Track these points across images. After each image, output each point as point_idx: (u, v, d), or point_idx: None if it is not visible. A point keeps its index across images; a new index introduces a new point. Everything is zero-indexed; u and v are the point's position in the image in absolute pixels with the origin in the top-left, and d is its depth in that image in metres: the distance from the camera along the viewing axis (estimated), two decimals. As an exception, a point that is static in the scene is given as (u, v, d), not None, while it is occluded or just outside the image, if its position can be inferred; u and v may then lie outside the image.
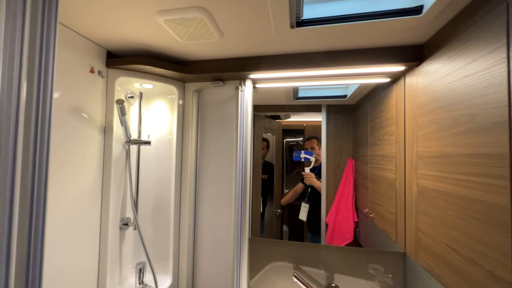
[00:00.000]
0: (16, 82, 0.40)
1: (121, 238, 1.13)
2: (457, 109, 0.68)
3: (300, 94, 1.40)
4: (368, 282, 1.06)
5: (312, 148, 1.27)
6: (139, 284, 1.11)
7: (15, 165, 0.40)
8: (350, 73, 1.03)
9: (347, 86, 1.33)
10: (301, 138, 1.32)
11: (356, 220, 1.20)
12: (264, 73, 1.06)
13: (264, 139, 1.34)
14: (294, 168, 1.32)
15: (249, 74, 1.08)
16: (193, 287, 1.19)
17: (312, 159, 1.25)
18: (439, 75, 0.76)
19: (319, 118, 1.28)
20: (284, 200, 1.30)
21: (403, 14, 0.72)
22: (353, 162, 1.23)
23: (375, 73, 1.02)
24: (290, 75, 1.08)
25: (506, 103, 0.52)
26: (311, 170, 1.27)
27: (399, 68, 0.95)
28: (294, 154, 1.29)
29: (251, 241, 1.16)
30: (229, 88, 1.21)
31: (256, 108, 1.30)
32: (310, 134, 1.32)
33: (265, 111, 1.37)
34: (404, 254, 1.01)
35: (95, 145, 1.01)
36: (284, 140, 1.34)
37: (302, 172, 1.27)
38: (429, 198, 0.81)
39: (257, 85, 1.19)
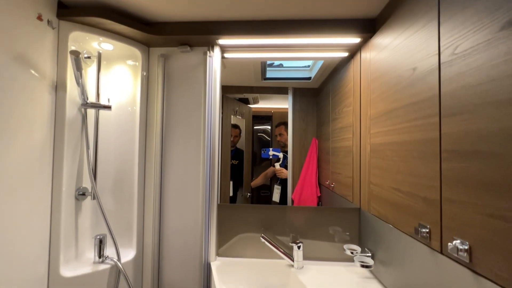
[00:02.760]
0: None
1: (77, 209, 1.04)
2: (401, 68, 0.78)
3: (268, 75, 1.45)
4: (329, 241, 1.16)
5: (281, 134, 1.32)
6: (99, 257, 1.04)
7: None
8: (311, 43, 1.09)
9: (311, 69, 1.41)
10: (269, 127, 1.37)
11: (319, 194, 1.29)
12: (232, 38, 1.07)
13: (236, 126, 1.36)
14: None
15: (217, 39, 1.08)
16: (160, 259, 1.16)
17: (280, 155, 1.31)
18: (388, 42, 0.87)
19: (285, 105, 1.34)
20: (254, 183, 1.34)
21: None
22: (317, 141, 1.32)
23: (335, 44, 1.10)
24: (257, 43, 1.10)
25: (437, 52, 0.62)
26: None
27: (355, 40, 1.05)
28: (262, 152, 1.33)
29: (219, 207, 1.17)
30: (197, 55, 1.19)
31: (225, 89, 1.31)
32: (278, 120, 1.38)
33: (234, 93, 1.38)
34: (359, 209, 1.12)
35: (44, 105, 0.91)
36: (254, 128, 1.37)
37: (274, 168, 1.31)
38: (379, 152, 0.92)
39: (225, 55, 1.20)
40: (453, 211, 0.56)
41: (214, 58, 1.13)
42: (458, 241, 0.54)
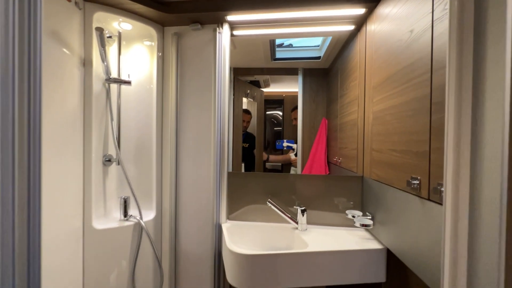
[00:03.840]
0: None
1: (104, 173, 1.18)
2: (400, 33, 0.80)
3: (278, 55, 1.48)
4: (332, 208, 1.22)
5: (296, 118, 1.37)
6: (124, 216, 1.18)
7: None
8: (318, 15, 1.12)
9: (320, 48, 1.44)
10: (281, 112, 1.41)
11: (328, 173, 1.35)
12: (240, 13, 1.12)
13: (248, 112, 1.41)
14: (275, 138, 1.42)
15: (226, 15, 1.15)
16: (176, 219, 1.29)
17: (294, 146, 1.37)
18: (389, 10, 0.89)
19: (296, 88, 1.37)
20: (274, 159, 1.40)
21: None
22: (326, 121, 1.36)
23: (341, 16, 1.13)
24: (264, 18, 1.15)
25: (430, 10, 0.65)
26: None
27: (360, 10, 1.07)
28: (277, 143, 1.39)
29: (230, 174, 1.26)
30: (207, 33, 1.26)
31: (236, 71, 1.36)
32: (290, 104, 1.42)
33: (245, 75, 1.44)
34: (362, 177, 1.17)
35: (74, 79, 1.04)
36: (265, 112, 1.41)
37: (290, 158, 1.37)
38: (380, 119, 0.96)
39: (234, 32, 1.26)
40: (439, 158, 0.60)
41: (223, 34, 1.20)
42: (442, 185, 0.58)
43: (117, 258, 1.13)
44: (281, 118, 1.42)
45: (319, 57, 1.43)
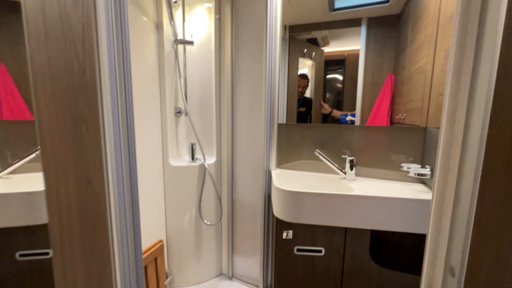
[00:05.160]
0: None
1: (176, 123, 1.43)
2: None
3: (337, 5, 1.35)
4: (386, 161, 1.16)
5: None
6: (192, 158, 1.42)
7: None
8: None
9: None
10: (341, 77, 1.30)
11: None
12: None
13: (304, 76, 1.34)
14: (335, 103, 1.32)
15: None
16: (232, 164, 1.47)
17: (354, 118, 1.27)
18: None
19: (359, 46, 1.22)
20: (336, 114, 1.34)
21: None
22: (393, 77, 1.22)
23: None
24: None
25: None
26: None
27: None
28: (341, 117, 1.30)
29: (280, 126, 1.34)
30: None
31: (292, 29, 1.30)
32: (352, 65, 1.29)
33: (301, 32, 1.37)
34: (425, 128, 1.06)
35: (150, 41, 1.25)
36: (325, 75, 1.32)
37: None
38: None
39: (286, -20, 1.23)
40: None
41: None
42: None
43: (188, 190, 1.41)
44: (341, 81, 1.32)
45: (387, 0, 1.24)
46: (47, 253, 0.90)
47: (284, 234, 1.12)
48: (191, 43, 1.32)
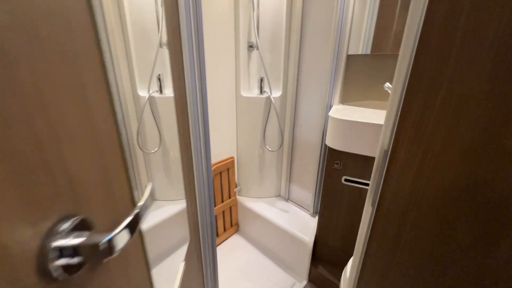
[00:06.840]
0: None
1: (248, 57, 1.56)
2: None
3: None
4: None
5: None
6: (260, 91, 1.57)
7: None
8: None
9: None
10: None
11: None
12: None
13: None
14: None
15: None
16: (296, 100, 1.54)
17: None
18: None
19: None
20: None
21: None
22: None
23: None
24: None
25: None
26: None
27: None
28: None
29: (349, 57, 1.26)
30: None
31: None
32: None
33: None
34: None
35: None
36: None
37: None
38: None
39: None
40: None
41: None
42: None
43: (255, 119, 1.62)
44: None
45: None
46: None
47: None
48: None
